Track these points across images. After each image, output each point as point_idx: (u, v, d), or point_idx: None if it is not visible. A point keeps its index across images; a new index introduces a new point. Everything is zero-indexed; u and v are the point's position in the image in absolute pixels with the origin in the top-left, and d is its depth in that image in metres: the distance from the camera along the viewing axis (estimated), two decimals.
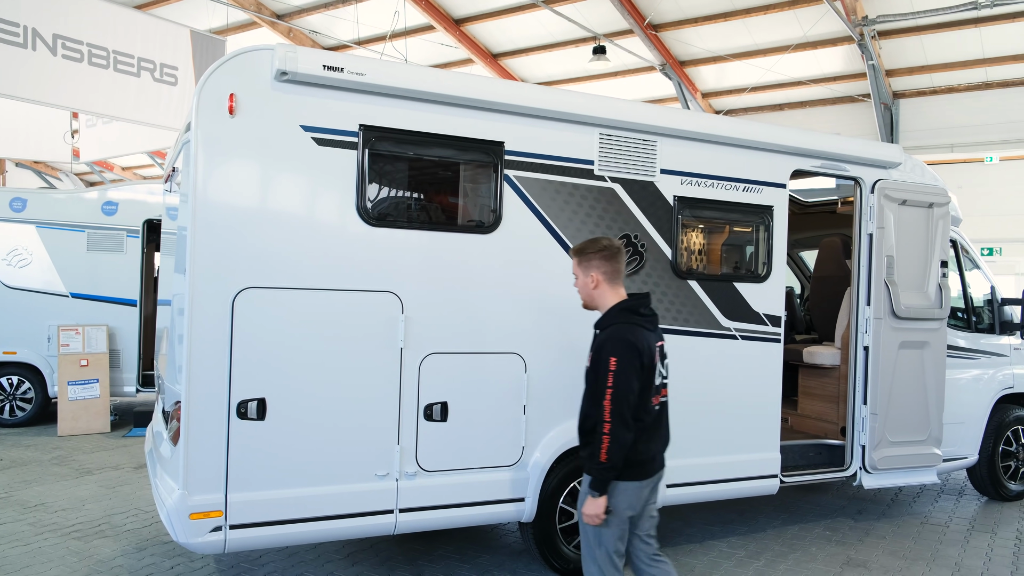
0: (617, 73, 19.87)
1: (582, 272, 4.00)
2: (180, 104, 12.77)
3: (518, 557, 5.70)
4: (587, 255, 3.99)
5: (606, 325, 3.87)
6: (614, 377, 3.66)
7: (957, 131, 17.91)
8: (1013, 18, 15.15)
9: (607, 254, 3.96)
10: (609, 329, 3.82)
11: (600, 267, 3.95)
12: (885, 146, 6.62)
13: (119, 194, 10.55)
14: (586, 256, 3.99)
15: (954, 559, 5.97)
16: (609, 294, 3.95)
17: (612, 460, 3.67)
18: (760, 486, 5.94)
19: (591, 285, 3.97)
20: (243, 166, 4.31)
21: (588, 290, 3.99)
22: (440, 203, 5.14)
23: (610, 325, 3.84)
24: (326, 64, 4.39)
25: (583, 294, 4.05)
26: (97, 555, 5.57)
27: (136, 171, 31.66)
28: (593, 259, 3.96)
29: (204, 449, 4.20)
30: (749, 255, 6.12)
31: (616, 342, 3.73)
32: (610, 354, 3.70)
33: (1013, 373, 7.56)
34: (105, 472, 7.94)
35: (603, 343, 3.77)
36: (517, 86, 5.16)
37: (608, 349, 3.72)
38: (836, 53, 17.52)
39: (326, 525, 4.49)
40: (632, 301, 3.94)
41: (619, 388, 3.66)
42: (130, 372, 10.45)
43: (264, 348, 4.32)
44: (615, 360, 3.68)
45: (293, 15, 19.24)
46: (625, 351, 3.71)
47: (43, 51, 11.09)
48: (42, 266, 10.11)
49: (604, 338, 3.79)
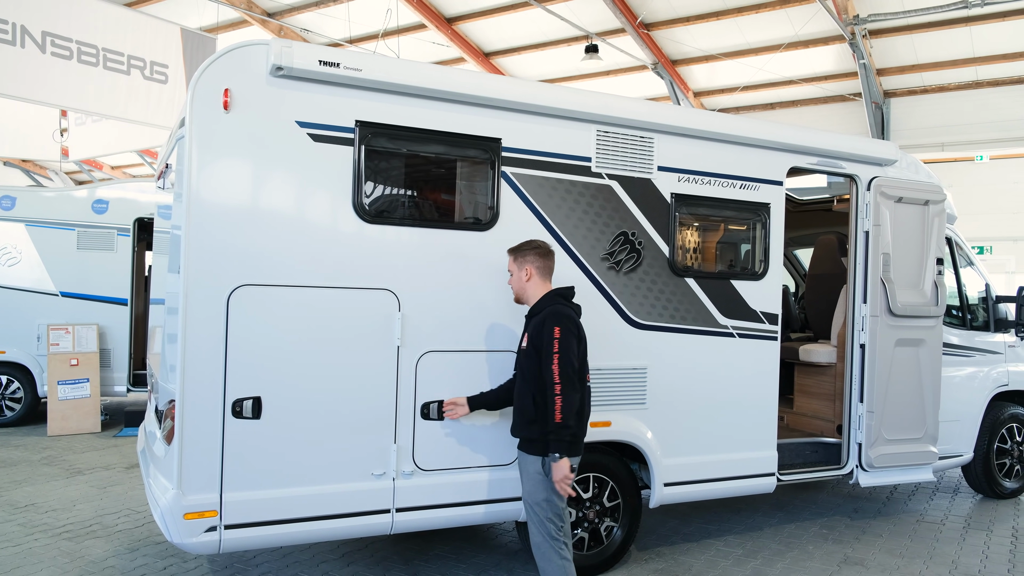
0: (609, 72, 19.87)
1: (517, 267, 4.50)
2: (170, 102, 12.67)
3: (515, 556, 5.67)
4: (523, 252, 4.51)
5: (542, 308, 4.35)
6: (559, 344, 4.13)
7: (947, 130, 17.97)
8: (1003, 17, 15.21)
9: (541, 251, 4.50)
10: (546, 309, 4.30)
11: (534, 262, 4.46)
12: (881, 143, 6.62)
13: (109, 192, 10.46)
14: (522, 253, 4.50)
15: (951, 557, 5.97)
16: (539, 286, 4.47)
17: (566, 419, 4.07)
18: (757, 484, 5.92)
19: (524, 278, 4.47)
20: (238, 162, 4.26)
21: (521, 283, 4.49)
22: (437, 200, 5.10)
23: (545, 307, 4.32)
24: (322, 59, 4.35)
25: (516, 287, 4.55)
26: (88, 556, 5.51)
27: (125, 170, 31.44)
28: (528, 255, 4.48)
29: (199, 448, 4.15)
30: (746, 253, 6.10)
31: (557, 315, 4.23)
32: (553, 324, 4.17)
33: (1008, 371, 7.57)
34: (96, 472, 7.87)
35: (544, 319, 4.23)
36: (515, 82, 5.13)
37: (551, 322, 4.19)
38: (827, 52, 17.56)
39: (322, 525, 4.45)
40: (563, 289, 4.48)
41: (564, 353, 4.12)
42: (121, 371, 10.37)
43: (259, 346, 4.27)
44: (559, 329, 4.16)
45: (284, 13, 19.15)
46: (565, 321, 4.21)
47: (32, 48, 10.98)
48: (31, 265, 10.02)
49: (544, 316, 4.26)
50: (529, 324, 4.39)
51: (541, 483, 4.20)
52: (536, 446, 4.22)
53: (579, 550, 5.25)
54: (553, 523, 4.23)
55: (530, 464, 4.26)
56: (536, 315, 4.35)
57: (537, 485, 4.22)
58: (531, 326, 4.34)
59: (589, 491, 5.27)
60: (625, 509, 5.40)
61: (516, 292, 4.56)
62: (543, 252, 4.50)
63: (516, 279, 4.52)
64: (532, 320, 4.37)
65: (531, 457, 4.26)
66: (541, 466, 4.19)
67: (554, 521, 4.23)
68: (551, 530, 4.22)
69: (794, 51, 17.42)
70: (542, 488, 4.21)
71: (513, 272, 4.54)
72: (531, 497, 4.28)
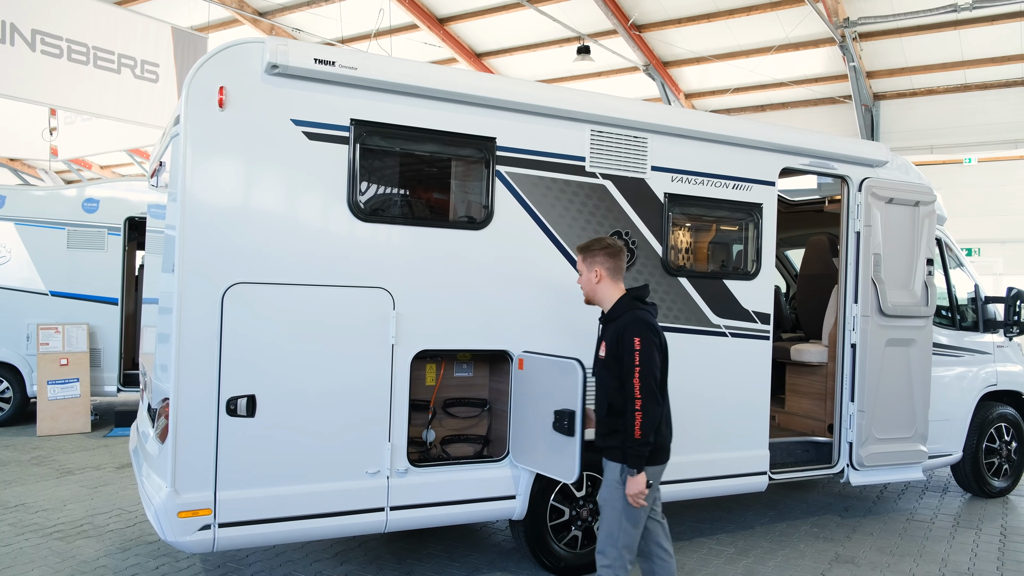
0: (601, 73, 19.91)
1: (586, 268, 4.21)
2: (161, 101, 12.62)
3: (508, 555, 5.68)
4: (592, 251, 4.21)
5: (620, 314, 4.06)
6: (640, 356, 3.87)
7: (936, 132, 18.10)
8: (991, 21, 15.33)
9: (611, 251, 4.19)
10: (625, 316, 4.02)
11: (604, 263, 4.16)
12: (872, 145, 6.67)
13: (100, 191, 10.42)
14: (591, 252, 4.20)
15: (940, 555, 6.01)
16: (611, 288, 4.16)
17: (646, 435, 3.86)
18: (749, 483, 5.95)
19: (595, 280, 4.17)
20: (233, 160, 4.25)
21: (591, 285, 4.19)
22: (432, 199, 5.12)
23: (623, 313, 4.04)
24: (317, 57, 4.35)
25: (586, 288, 4.24)
26: (80, 555, 5.48)
27: (114, 169, 31.28)
28: (598, 255, 4.18)
29: (193, 446, 4.14)
30: (738, 253, 6.14)
31: (637, 324, 3.95)
32: (633, 335, 3.91)
33: (996, 370, 7.63)
34: (86, 472, 7.83)
35: (624, 328, 3.96)
36: (510, 82, 5.14)
37: (631, 331, 3.92)
38: (818, 55, 17.66)
39: (317, 523, 4.45)
40: (638, 291, 4.19)
41: (646, 366, 3.87)
42: (111, 371, 10.31)
43: (254, 344, 4.27)
44: (639, 340, 3.89)
45: (275, 12, 19.10)
46: (646, 331, 3.94)
47: (21, 46, 10.92)
48: (21, 264, 9.96)
49: (623, 324, 3.98)
50: (606, 332, 4.12)
51: (618, 490, 4.01)
52: (616, 453, 4.00)
53: (572, 549, 5.27)
54: (625, 531, 4.02)
55: (609, 471, 4.07)
56: (612, 321, 4.08)
57: (613, 491, 4.02)
58: (608, 334, 4.07)
59: (583, 489, 5.28)
60: None
61: (587, 294, 4.27)
62: (613, 251, 4.19)
63: (585, 280, 4.23)
64: (609, 327, 4.10)
65: (611, 464, 4.06)
66: (619, 474, 3.99)
67: (627, 530, 4.02)
68: (619, 539, 4.02)
69: (785, 53, 17.50)
70: (618, 495, 4.00)
71: (582, 272, 4.25)
72: (606, 500, 4.08)
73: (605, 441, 4.10)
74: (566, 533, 5.25)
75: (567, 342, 5.04)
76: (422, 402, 5.15)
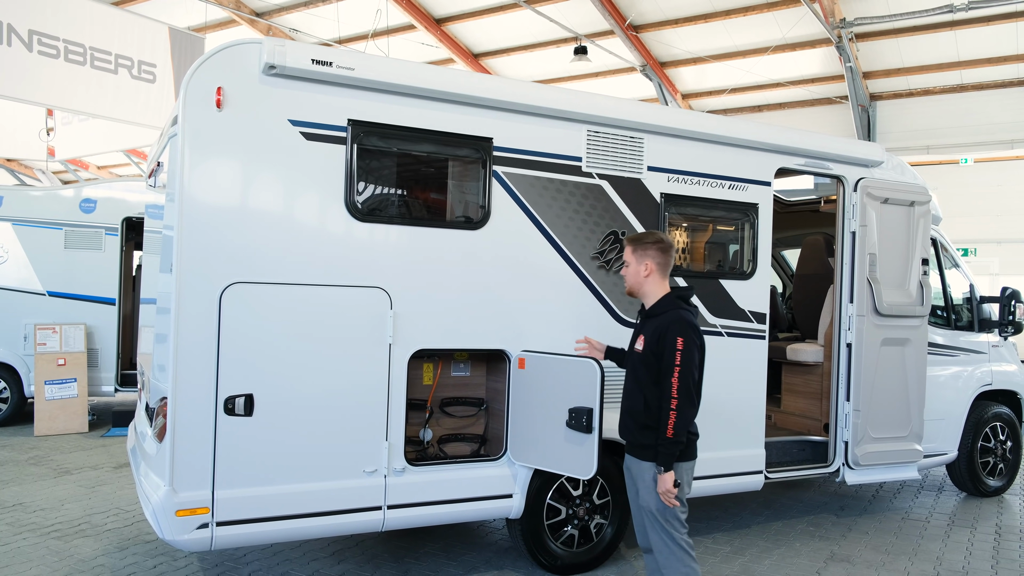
0: (598, 74, 19.93)
1: (636, 260, 4.18)
2: (158, 102, 12.62)
3: (505, 554, 5.70)
4: (644, 244, 4.19)
5: (663, 311, 4.06)
6: (681, 356, 3.88)
7: (933, 133, 18.14)
8: (987, 21, 15.37)
9: (663, 246, 4.18)
10: (670, 313, 4.02)
11: (655, 257, 4.16)
12: (868, 145, 6.70)
13: (97, 192, 10.42)
14: (643, 245, 4.18)
15: (936, 553, 6.03)
16: (658, 284, 4.17)
17: (678, 435, 3.87)
18: (745, 482, 5.97)
19: (644, 273, 4.15)
20: (230, 160, 4.27)
21: (639, 277, 4.17)
22: (429, 199, 5.13)
23: (667, 311, 4.04)
24: (315, 58, 4.36)
25: (633, 281, 4.22)
26: (78, 554, 5.49)
27: (112, 170, 31.25)
28: (650, 249, 4.16)
29: (191, 445, 4.15)
30: (734, 252, 6.16)
31: (682, 324, 3.96)
32: (677, 335, 3.91)
33: (991, 370, 7.66)
34: (84, 472, 7.83)
35: (668, 326, 3.96)
36: (507, 82, 5.16)
37: (675, 330, 3.93)
38: (814, 55, 17.69)
39: (314, 522, 4.46)
40: (683, 291, 4.23)
41: (686, 366, 3.88)
42: (108, 371, 10.32)
43: (252, 344, 4.28)
44: (682, 340, 3.90)
45: (272, 13, 19.11)
46: (690, 332, 3.95)
47: (18, 46, 10.92)
48: (18, 264, 9.96)
49: (667, 321, 3.98)
50: (646, 326, 4.11)
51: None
52: (650, 452, 3.99)
53: (569, 547, 5.29)
54: (675, 528, 4.00)
55: (645, 471, 4.03)
56: (655, 317, 4.07)
57: (653, 492, 4.00)
58: (649, 329, 4.06)
59: (579, 489, 5.30)
60: (615, 507, 5.44)
61: (631, 286, 4.23)
62: (664, 247, 4.17)
63: (633, 272, 4.18)
64: (650, 322, 4.10)
65: (645, 464, 4.03)
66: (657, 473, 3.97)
67: (675, 526, 4.00)
68: (673, 535, 4.00)
69: (781, 54, 17.54)
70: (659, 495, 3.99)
71: (630, 264, 4.20)
72: (650, 504, 4.04)
73: (635, 436, 4.09)
74: (563, 532, 5.27)
75: (565, 341, 5.05)
76: (419, 401, 5.17)
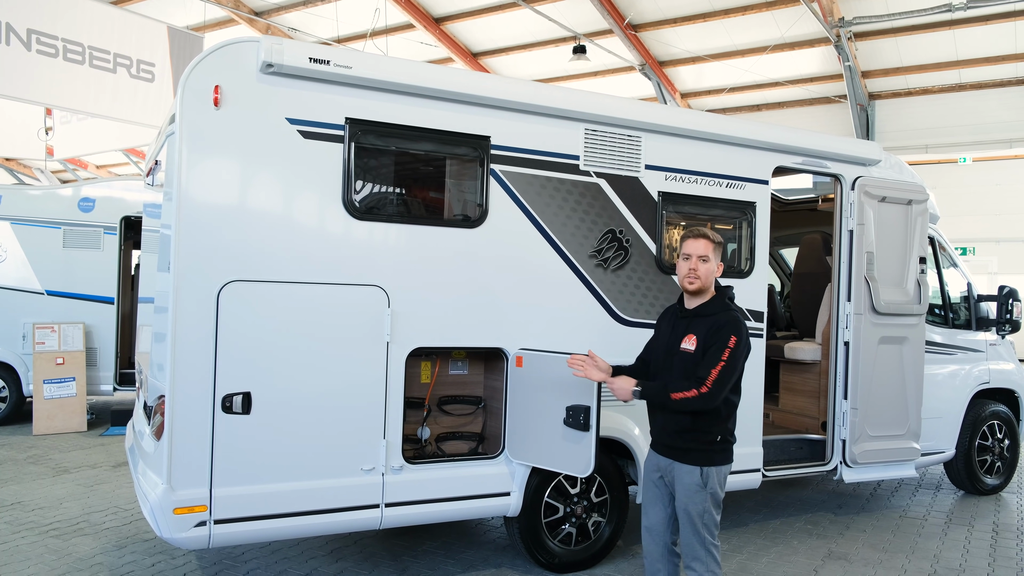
0: (597, 73, 19.96)
1: (715, 257, 4.11)
2: (157, 101, 12.62)
3: (503, 552, 5.70)
4: (721, 246, 4.16)
5: (716, 311, 4.03)
6: (730, 353, 3.86)
7: (931, 132, 18.18)
8: (986, 21, 15.40)
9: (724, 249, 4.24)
10: (723, 314, 4.01)
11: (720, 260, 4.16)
12: (865, 143, 6.71)
13: (96, 191, 10.42)
14: (720, 245, 4.16)
15: (933, 551, 6.05)
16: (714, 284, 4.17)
17: (676, 407, 3.86)
18: (743, 480, 5.98)
19: (718, 272, 4.13)
20: (228, 158, 4.27)
21: (711, 276, 4.10)
22: (426, 197, 5.13)
23: (720, 311, 4.02)
24: (312, 57, 4.36)
25: (708, 279, 4.09)
26: (76, 553, 5.50)
27: (110, 169, 31.27)
28: (720, 250, 4.15)
29: (188, 443, 4.16)
30: (732, 251, 6.16)
31: (737, 323, 3.96)
32: (732, 333, 3.90)
33: (989, 368, 7.67)
34: (82, 471, 7.84)
35: (723, 324, 3.94)
36: (504, 81, 5.18)
37: (731, 329, 3.91)
38: (813, 54, 17.72)
39: (312, 520, 4.46)
40: (731, 292, 4.20)
41: (729, 365, 3.86)
42: (107, 371, 10.32)
43: (249, 342, 4.28)
44: (735, 339, 3.89)
45: (271, 12, 19.11)
46: (743, 335, 3.95)
47: (17, 45, 10.92)
48: (17, 263, 9.96)
49: (722, 320, 3.96)
50: (694, 325, 4.03)
51: (699, 493, 3.94)
52: (692, 456, 3.95)
53: (567, 545, 5.30)
54: (710, 531, 3.98)
55: (685, 475, 3.97)
56: (705, 317, 4.01)
57: (694, 496, 3.95)
58: (699, 328, 3.99)
59: (577, 487, 5.31)
60: (613, 505, 5.45)
61: (703, 284, 4.05)
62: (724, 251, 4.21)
63: (709, 270, 4.05)
64: (699, 320, 4.02)
65: (686, 467, 3.96)
66: (699, 476, 3.93)
67: (711, 530, 3.98)
68: (705, 540, 3.97)
69: (780, 53, 17.57)
70: (700, 499, 3.95)
71: (710, 260, 4.05)
72: (687, 507, 3.98)
73: (674, 440, 4.01)
74: (560, 529, 5.28)
75: (563, 339, 5.07)
76: (417, 399, 5.18)
